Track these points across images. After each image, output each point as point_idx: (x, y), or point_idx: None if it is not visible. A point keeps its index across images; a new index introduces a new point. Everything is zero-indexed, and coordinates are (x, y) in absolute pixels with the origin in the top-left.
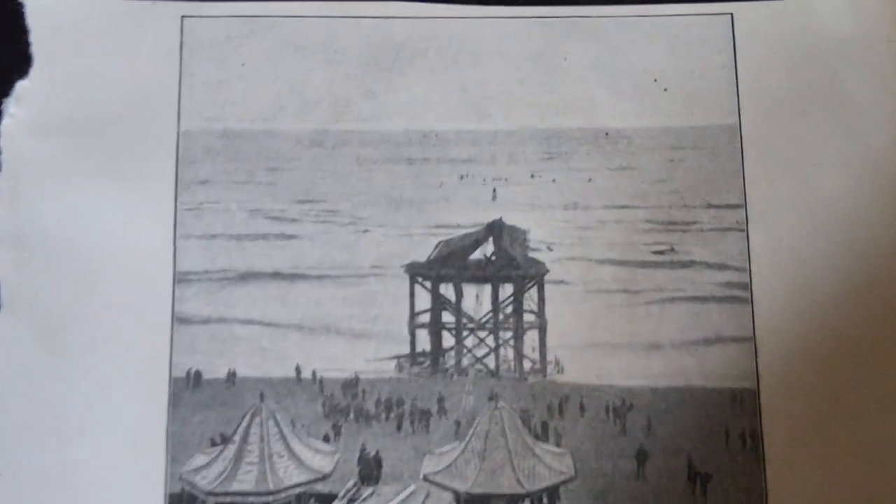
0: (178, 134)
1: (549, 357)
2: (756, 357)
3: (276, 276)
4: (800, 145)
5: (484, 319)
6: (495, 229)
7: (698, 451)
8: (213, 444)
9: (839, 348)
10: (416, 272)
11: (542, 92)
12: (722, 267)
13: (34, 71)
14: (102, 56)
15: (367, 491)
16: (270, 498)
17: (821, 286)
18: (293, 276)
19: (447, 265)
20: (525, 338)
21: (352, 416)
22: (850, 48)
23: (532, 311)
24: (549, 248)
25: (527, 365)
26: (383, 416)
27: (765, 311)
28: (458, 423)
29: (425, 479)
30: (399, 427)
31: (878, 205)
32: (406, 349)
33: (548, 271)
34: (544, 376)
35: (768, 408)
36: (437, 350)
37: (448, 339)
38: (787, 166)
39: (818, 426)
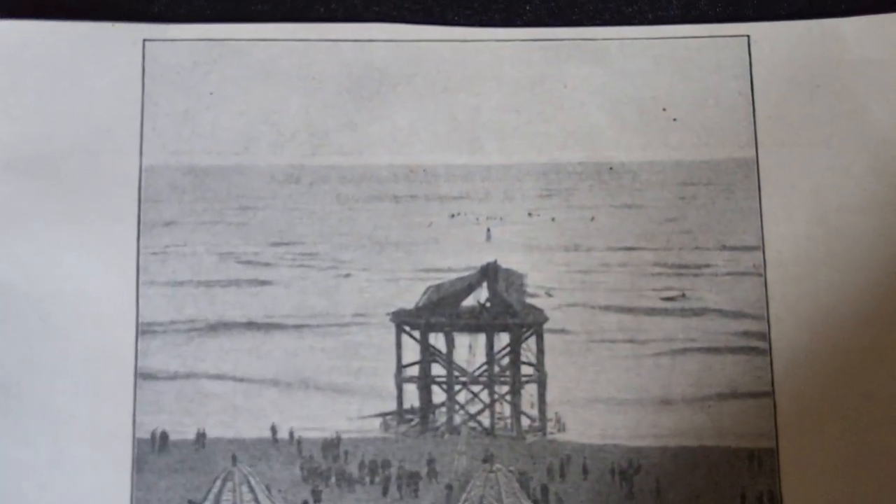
0: (140, 170)
1: (549, 414)
2: (775, 413)
3: (250, 326)
4: (822, 180)
5: (478, 372)
6: (490, 273)
7: None
8: None
9: (866, 405)
10: (402, 321)
11: (540, 121)
12: (738, 315)
13: None
14: (54, 85)
15: None
16: None
17: (846, 336)
18: (268, 327)
19: (437, 313)
20: (523, 392)
21: (333, 480)
22: (878, 73)
23: (530, 364)
24: (549, 294)
25: (525, 422)
26: (367, 479)
27: (784, 364)
28: (449, 488)
29: None
30: (385, 492)
31: None
32: (392, 406)
33: (547, 319)
34: (544, 435)
35: (788, 469)
36: (427, 406)
37: (438, 395)
38: (808, 203)
39: (843, 489)
